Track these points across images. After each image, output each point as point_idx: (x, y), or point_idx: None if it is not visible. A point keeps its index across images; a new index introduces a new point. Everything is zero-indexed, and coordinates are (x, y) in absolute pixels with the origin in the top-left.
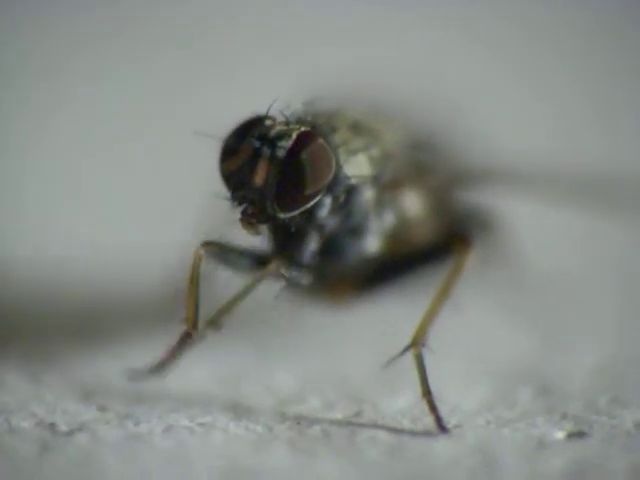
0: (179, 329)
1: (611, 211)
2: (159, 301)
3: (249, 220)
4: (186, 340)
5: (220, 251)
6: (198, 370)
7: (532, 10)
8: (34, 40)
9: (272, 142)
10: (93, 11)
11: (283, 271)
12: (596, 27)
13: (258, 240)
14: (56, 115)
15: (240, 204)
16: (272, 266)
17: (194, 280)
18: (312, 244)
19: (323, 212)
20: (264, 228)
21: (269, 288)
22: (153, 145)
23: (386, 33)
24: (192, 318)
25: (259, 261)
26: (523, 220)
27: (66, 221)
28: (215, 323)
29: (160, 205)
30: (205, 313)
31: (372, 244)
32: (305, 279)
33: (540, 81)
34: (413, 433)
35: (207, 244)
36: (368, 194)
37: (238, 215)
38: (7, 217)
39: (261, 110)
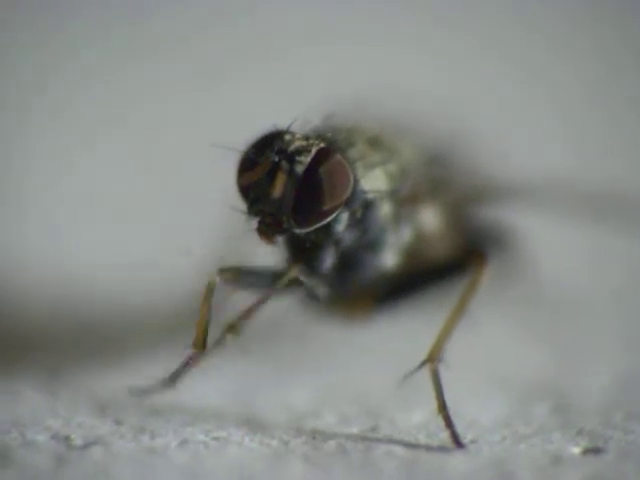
0: (186, 352)
1: (626, 227)
2: (173, 316)
3: (265, 231)
4: (193, 361)
5: (236, 277)
6: (213, 384)
7: (548, 22)
8: (35, 44)
9: (291, 157)
10: (97, 13)
11: (302, 277)
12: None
13: (275, 256)
14: (58, 130)
15: (256, 217)
16: (291, 272)
17: (206, 307)
18: (329, 259)
19: (340, 227)
20: (280, 239)
21: (286, 303)
22: (157, 160)
23: (402, 47)
24: (201, 343)
25: (278, 277)
26: (539, 236)
27: (75, 238)
28: (235, 328)
29: (170, 218)
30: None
31: (389, 259)
32: (321, 289)
33: (554, 93)
34: (429, 448)
35: (223, 271)
36: (385, 209)
37: (254, 225)
38: (15, 234)
39: (281, 124)
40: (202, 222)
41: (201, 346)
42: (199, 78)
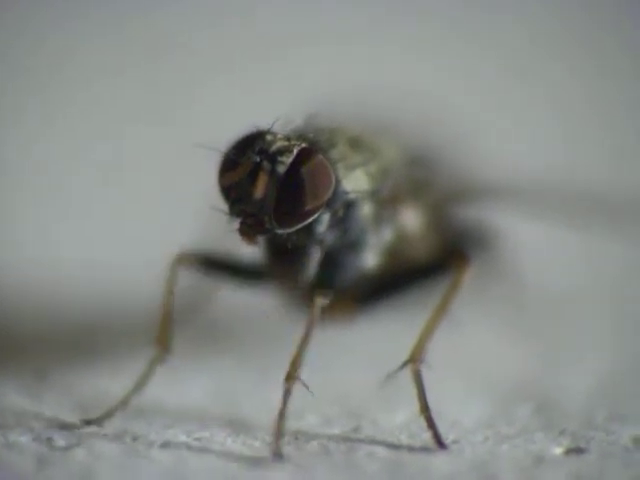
0: (150, 351)
1: (610, 228)
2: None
3: (247, 231)
4: (156, 364)
5: (198, 263)
6: (196, 385)
7: (548, 22)
8: (32, 44)
9: (272, 157)
10: (96, 14)
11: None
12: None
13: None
14: (57, 130)
15: (238, 217)
16: (318, 302)
17: (168, 298)
18: (310, 259)
19: (321, 227)
20: (261, 239)
21: (268, 304)
22: (156, 160)
23: (402, 47)
24: (164, 340)
25: (247, 269)
26: (521, 236)
27: (60, 239)
28: (293, 377)
29: (156, 220)
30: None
31: (370, 260)
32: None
33: (554, 92)
34: (411, 449)
35: (183, 257)
36: (366, 209)
37: (236, 225)
38: (8, 233)
39: (262, 124)
40: (201, 222)
41: (164, 344)
42: (199, 78)
